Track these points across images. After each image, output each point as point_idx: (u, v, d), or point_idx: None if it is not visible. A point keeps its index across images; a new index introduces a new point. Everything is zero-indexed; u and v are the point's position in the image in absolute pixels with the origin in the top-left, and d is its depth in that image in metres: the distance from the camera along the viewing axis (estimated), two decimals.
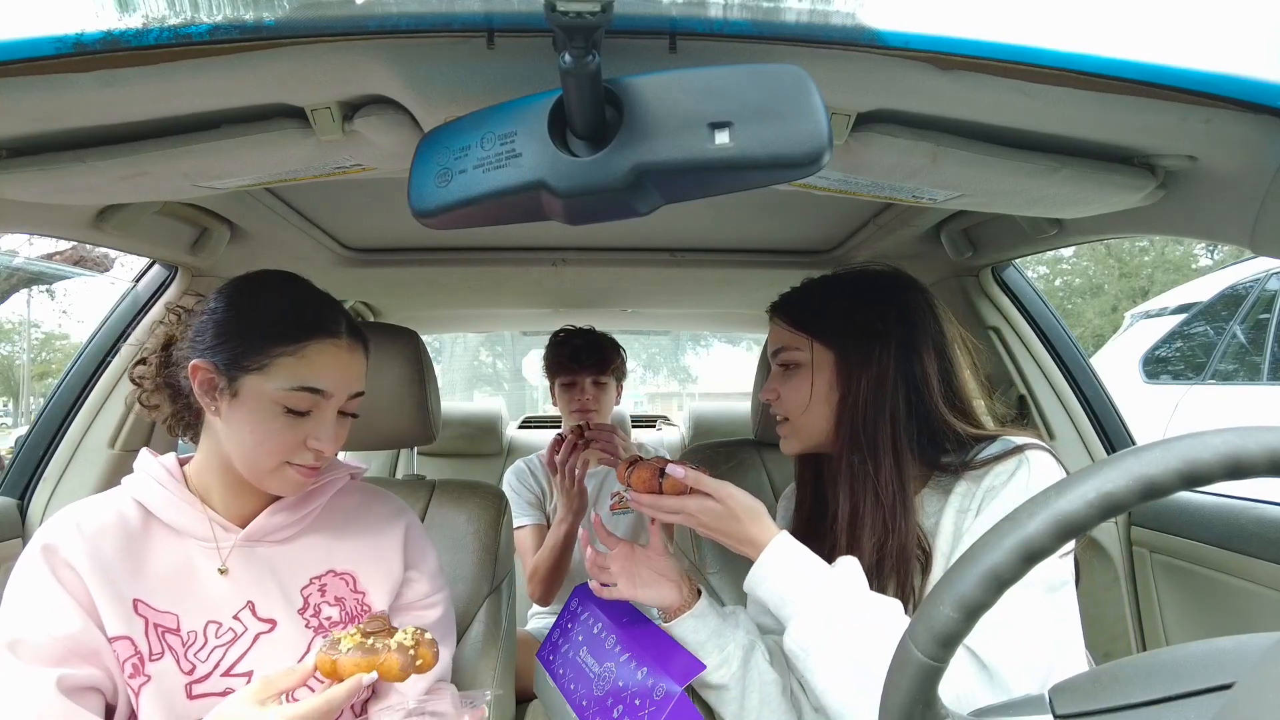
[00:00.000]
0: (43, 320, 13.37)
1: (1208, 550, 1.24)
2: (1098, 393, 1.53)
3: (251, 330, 0.85)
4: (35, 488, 1.38)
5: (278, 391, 0.84)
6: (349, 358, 0.89)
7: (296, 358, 0.84)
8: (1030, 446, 0.89)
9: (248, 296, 0.89)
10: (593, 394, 1.90)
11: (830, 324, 0.98)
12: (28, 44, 0.61)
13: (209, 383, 0.86)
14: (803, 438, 1.00)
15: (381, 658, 0.77)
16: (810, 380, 0.97)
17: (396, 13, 0.61)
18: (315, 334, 0.86)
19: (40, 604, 0.80)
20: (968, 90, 0.69)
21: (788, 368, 1.01)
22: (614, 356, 1.95)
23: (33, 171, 0.80)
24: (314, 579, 0.93)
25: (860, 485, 0.93)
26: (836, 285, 1.03)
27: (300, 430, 0.85)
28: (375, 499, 1.04)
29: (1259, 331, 3.49)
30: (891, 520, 0.90)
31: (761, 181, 0.61)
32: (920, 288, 1.02)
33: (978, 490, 0.88)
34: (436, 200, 0.64)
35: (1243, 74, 0.66)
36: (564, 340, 1.94)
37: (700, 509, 0.89)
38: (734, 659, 0.93)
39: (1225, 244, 0.93)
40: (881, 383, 0.93)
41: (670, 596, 0.97)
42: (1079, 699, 0.47)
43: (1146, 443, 0.43)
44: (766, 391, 1.03)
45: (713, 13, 0.61)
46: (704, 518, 0.89)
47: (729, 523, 0.89)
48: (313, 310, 0.88)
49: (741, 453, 1.34)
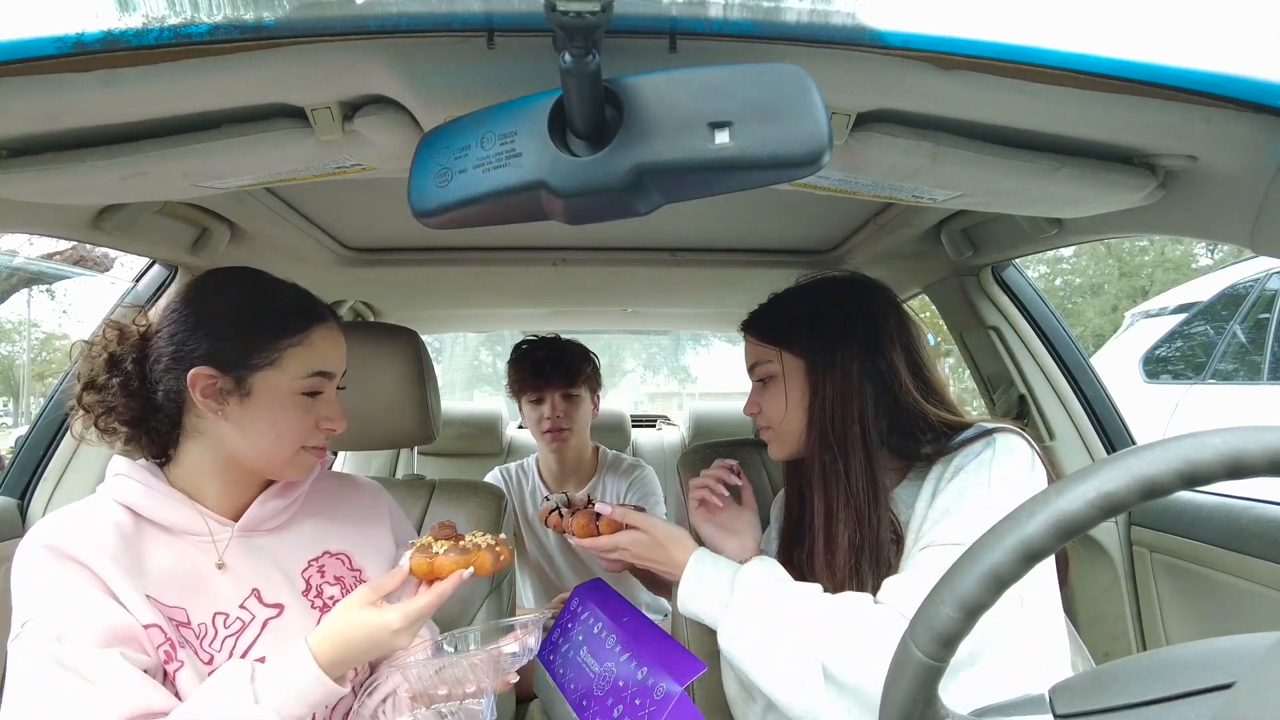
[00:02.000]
0: (43, 320, 13.36)
1: (1208, 550, 1.24)
2: (1098, 392, 1.53)
3: (255, 327, 0.86)
4: (35, 488, 1.38)
5: (294, 381, 0.87)
6: (339, 338, 0.93)
7: (305, 346, 0.88)
8: (1001, 430, 0.92)
9: (228, 297, 0.89)
10: (563, 408, 1.79)
11: (795, 332, 1.01)
12: (28, 44, 0.61)
13: (212, 388, 0.85)
14: (786, 444, 1.03)
15: (473, 556, 0.84)
16: (784, 390, 1.00)
17: (396, 12, 0.61)
18: (315, 321, 0.90)
19: (70, 596, 0.77)
20: (968, 90, 0.69)
21: (764, 381, 1.04)
22: (583, 365, 1.83)
23: (33, 171, 0.80)
24: (311, 561, 0.95)
25: (833, 483, 0.95)
26: (799, 295, 1.07)
27: (313, 413, 0.90)
28: (350, 483, 1.08)
29: (1259, 331, 3.50)
30: (864, 516, 0.93)
31: (761, 181, 0.61)
32: (881, 287, 1.05)
33: (946, 471, 0.91)
34: (436, 200, 0.64)
35: (1243, 74, 0.66)
36: (525, 353, 1.82)
37: (631, 541, 1.00)
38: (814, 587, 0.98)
39: (1225, 244, 0.93)
40: (847, 382, 0.96)
41: (735, 550, 1.02)
42: (1079, 699, 0.47)
43: (1146, 442, 0.43)
44: (749, 406, 1.07)
45: (713, 12, 0.61)
46: (636, 549, 1.00)
47: (655, 551, 1.00)
48: (306, 300, 0.93)
49: (741, 452, 1.34)
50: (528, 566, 1.97)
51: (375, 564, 1.00)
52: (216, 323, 0.86)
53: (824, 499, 0.96)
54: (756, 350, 1.05)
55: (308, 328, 0.89)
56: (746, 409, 1.08)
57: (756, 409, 1.06)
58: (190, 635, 0.83)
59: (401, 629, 0.80)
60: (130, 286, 1.48)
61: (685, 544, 0.99)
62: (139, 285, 1.47)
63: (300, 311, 0.90)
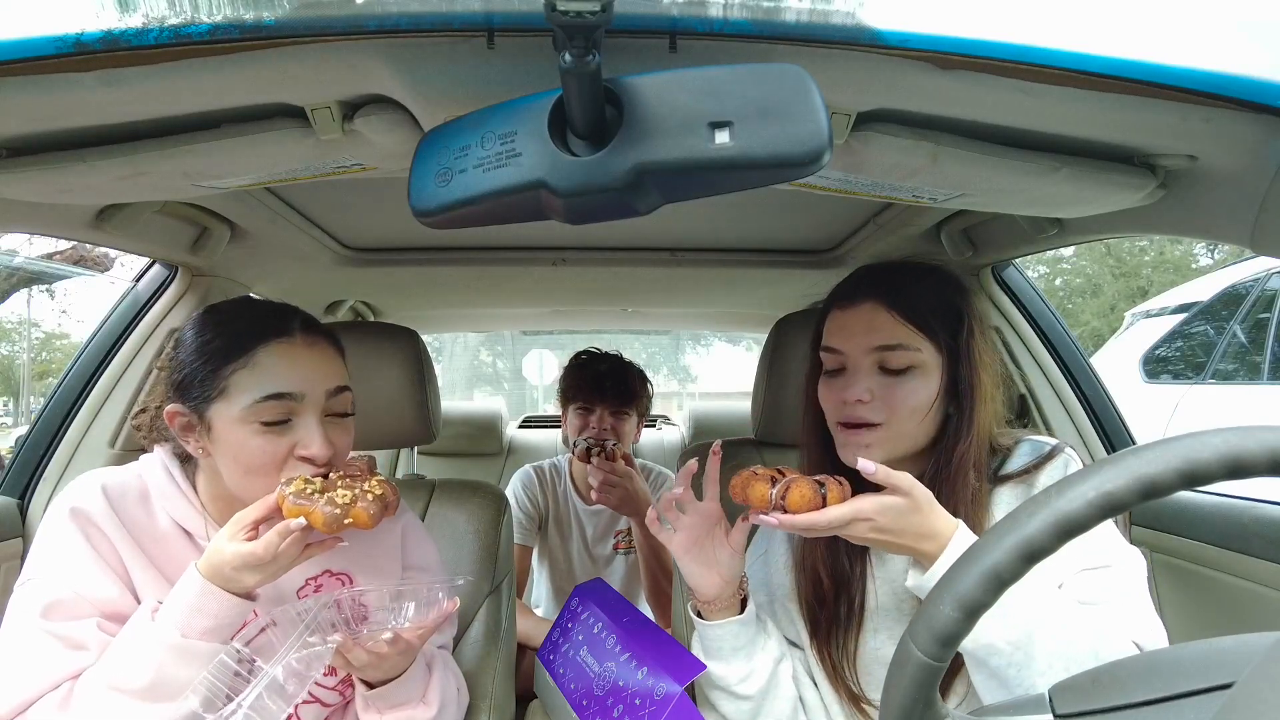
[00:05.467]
0: (43, 320, 13.38)
1: (1208, 550, 1.24)
2: (1098, 392, 1.53)
3: (203, 359, 0.83)
4: (35, 487, 1.38)
5: (244, 410, 0.80)
6: (308, 354, 0.85)
7: (249, 369, 0.81)
8: (1057, 446, 0.90)
9: (201, 329, 0.87)
10: (611, 425, 1.76)
11: (946, 325, 0.88)
12: (28, 44, 0.61)
13: (185, 425, 0.84)
14: (896, 446, 0.88)
15: (313, 507, 0.73)
16: (924, 386, 0.87)
17: (396, 12, 0.61)
18: (262, 340, 0.83)
19: (75, 569, 0.80)
20: (968, 90, 0.69)
21: (891, 368, 0.88)
22: (641, 389, 1.81)
23: (33, 171, 0.80)
24: (309, 580, 0.92)
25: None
26: (938, 281, 0.92)
27: (284, 442, 0.82)
28: None
29: (1259, 331, 3.49)
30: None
31: (762, 181, 0.61)
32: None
33: (1033, 493, 0.82)
34: (437, 200, 0.64)
35: (1243, 74, 0.66)
36: (586, 364, 1.81)
37: (879, 509, 0.76)
38: (762, 672, 0.91)
39: (1225, 243, 0.93)
40: (979, 394, 0.88)
41: (710, 587, 0.90)
42: (1079, 698, 0.47)
43: (1146, 442, 0.43)
44: (858, 391, 0.88)
45: (713, 12, 0.61)
46: (883, 519, 0.76)
47: (911, 518, 0.76)
48: (259, 319, 0.85)
49: (742, 452, 1.34)
50: (544, 565, 1.98)
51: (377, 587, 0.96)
52: (185, 357, 0.85)
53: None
54: (899, 329, 0.88)
55: (251, 348, 0.81)
56: (851, 394, 0.89)
57: (870, 397, 0.88)
58: None
59: (227, 551, 0.73)
60: (130, 286, 1.48)
61: (942, 509, 0.78)
62: (139, 285, 1.47)
63: (245, 333, 0.82)
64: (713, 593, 0.90)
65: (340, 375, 0.88)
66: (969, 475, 0.86)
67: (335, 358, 0.89)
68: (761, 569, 1.04)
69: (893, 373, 0.88)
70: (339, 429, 0.87)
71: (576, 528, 1.92)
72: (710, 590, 0.90)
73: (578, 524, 1.92)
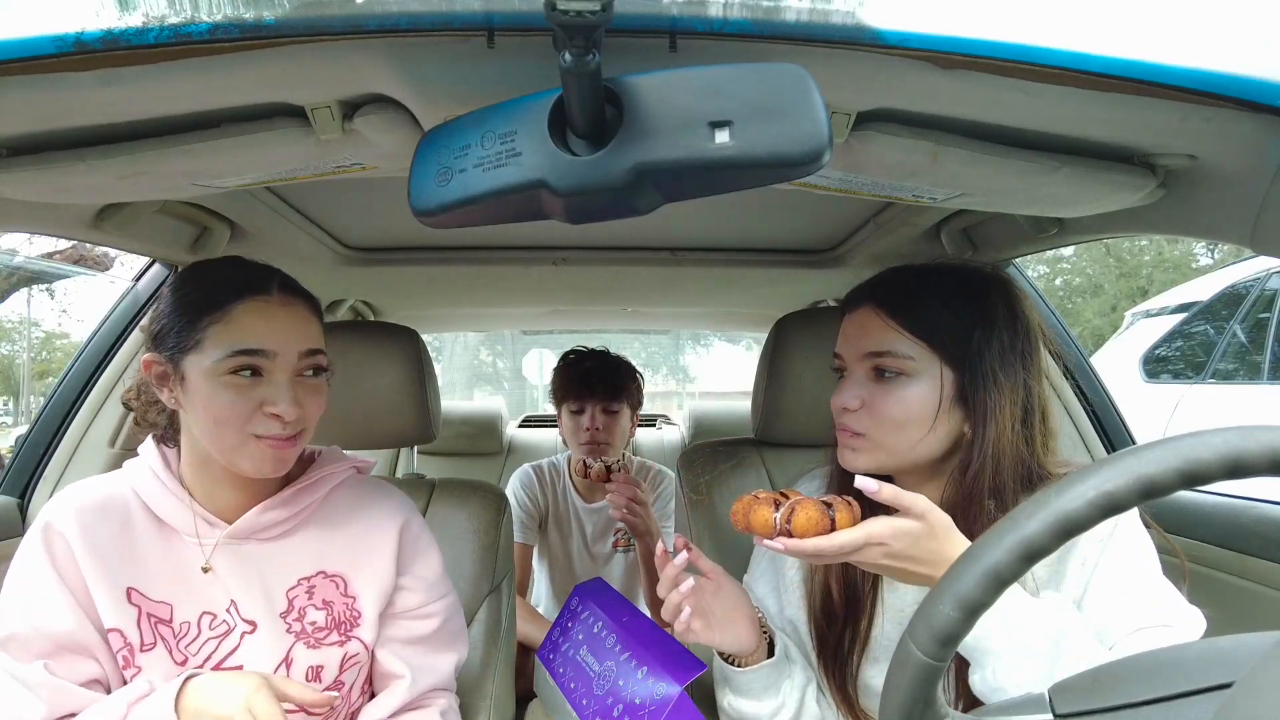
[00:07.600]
0: (43, 320, 13.38)
1: (1208, 550, 1.24)
2: (1098, 392, 1.53)
3: (181, 310, 0.84)
4: (35, 487, 1.38)
5: (215, 363, 0.81)
6: (284, 313, 0.85)
7: (225, 324, 0.82)
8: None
9: (181, 284, 0.88)
10: (603, 422, 1.78)
11: (953, 333, 0.83)
12: (27, 43, 0.61)
13: (161, 375, 0.85)
14: (884, 457, 0.85)
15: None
16: (916, 396, 0.83)
17: (396, 11, 0.61)
18: (241, 296, 0.83)
19: (36, 598, 0.81)
20: (968, 89, 0.69)
21: (884, 374, 0.84)
22: (628, 382, 1.83)
23: (33, 171, 0.80)
24: (302, 580, 0.90)
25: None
26: (949, 285, 0.86)
27: (253, 397, 0.82)
28: (377, 496, 0.99)
29: (1259, 331, 3.50)
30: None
31: (762, 181, 0.61)
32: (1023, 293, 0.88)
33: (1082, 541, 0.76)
34: (437, 199, 0.64)
35: (1243, 74, 0.66)
36: (573, 362, 1.83)
37: (894, 533, 0.69)
38: (791, 703, 0.89)
39: (1225, 243, 0.92)
40: (994, 416, 0.81)
41: (748, 638, 0.86)
42: (1079, 698, 0.47)
43: (1146, 442, 0.43)
44: (847, 399, 0.85)
45: (713, 12, 0.61)
46: (897, 544, 0.70)
47: (925, 544, 0.70)
48: (239, 276, 0.86)
49: (742, 452, 1.34)
50: (544, 564, 1.98)
51: (370, 594, 0.92)
52: (165, 309, 0.86)
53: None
54: (890, 335, 0.84)
55: (229, 303, 0.82)
56: (840, 401, 0.86)
57: (859, 404, 0.84)
58: (168, 633, 0.84)
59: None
60: (130, 285, 1.48)
61: (958, 535, 0.72)
62: (139, 284, 1.47)
63: (225, 288, 0.83)
64: (750, 645, 0.87)
65: (315, 338, 0.88)
66: (985, 502, 0.80)
67: (311, 320, 0.89)
68: (770, 571, 1.03)
69: (885, 381, 0.84)
70: (309, 390, 0.87)
71: (576, 526, 1.92)
72: (747, 644, 0.87)
73: (577, 522, 1.92)
